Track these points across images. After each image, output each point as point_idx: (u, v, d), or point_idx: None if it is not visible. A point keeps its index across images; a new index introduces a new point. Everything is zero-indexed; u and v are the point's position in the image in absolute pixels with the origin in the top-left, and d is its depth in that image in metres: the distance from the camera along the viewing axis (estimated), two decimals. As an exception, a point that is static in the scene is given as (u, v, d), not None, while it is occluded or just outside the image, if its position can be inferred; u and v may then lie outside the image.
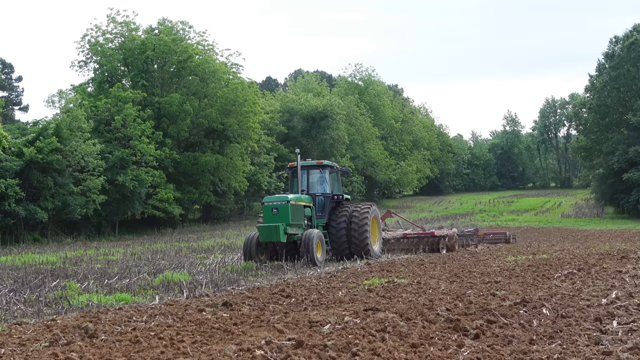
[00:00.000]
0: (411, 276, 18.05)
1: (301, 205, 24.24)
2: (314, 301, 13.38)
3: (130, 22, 59.98)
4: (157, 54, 59.08)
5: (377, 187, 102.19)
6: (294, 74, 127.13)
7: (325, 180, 26.50)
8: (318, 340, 8.87)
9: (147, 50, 58.63)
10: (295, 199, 23.94)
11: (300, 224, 23.93)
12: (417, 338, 8.98)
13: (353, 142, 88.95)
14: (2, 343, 9.66)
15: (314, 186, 26.50)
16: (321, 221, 25.83)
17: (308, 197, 25.40)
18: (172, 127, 57.09)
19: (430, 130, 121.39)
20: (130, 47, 59.09)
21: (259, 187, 66.79)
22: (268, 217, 23.33)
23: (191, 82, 60.74)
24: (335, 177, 27.20)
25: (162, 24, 62.37)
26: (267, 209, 23.51)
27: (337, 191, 26.94)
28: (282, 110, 78.96)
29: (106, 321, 11.40)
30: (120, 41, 59.98)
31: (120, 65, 60.79)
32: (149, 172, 50.27)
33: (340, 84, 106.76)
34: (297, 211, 23.65)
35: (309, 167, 26.68)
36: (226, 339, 9.39)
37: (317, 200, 25.97)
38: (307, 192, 25.93)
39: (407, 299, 13.15)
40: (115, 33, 59.92)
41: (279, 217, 23.11)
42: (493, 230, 43.98)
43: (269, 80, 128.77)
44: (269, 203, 23.70)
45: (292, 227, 23.42)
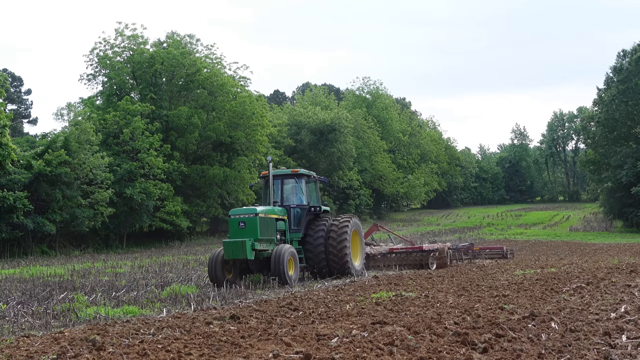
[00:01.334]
0: (419, 289, 18.00)
1: (272, 219, 22.18)
2: (322, 314, 13.34)
3: (139, 36, 60.28)
4: (165, 67, 59.36)
5: (384, 200, 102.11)
6: (301, 87, 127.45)
7: (301, 190, 24.35)
8: (325, 353, 8.84)
9: (155, 63, 58.89)
10: (265, 211, 21.89)
11: (271, 239, 21.85)
12: (425, 352, 8.95)
13: (361, 155, 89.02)
14: (10, 355, 9.66)
15: (289, 197, 24.43)
16: (296, 235, 23.66)
17: (281, 210, 23.26)
18: (180, 140, 57.23)
19: (438, 143, 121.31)
20: (138, 60, 59.36)
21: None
22: (234, 231, 21.17)
23: (199, 95, 60.94)
24: (313, 187, 25.17)
25: (170, 37, 62.70)
26: (233, 222, 21.38)
27: (315, 202, 24.82)
28: (289, 123, 79.12)
29: (114, 334, 11.39)
30: (128, 54, 60.26)
31: (128, 79, 61.05)
32: (157, 185, 50.36)
33: (348, 97, 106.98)
34: (267, 225, 21.60)
35: (282, 176, 24.39)
36: (234, 352, 9.37)
37: (292, 212, 23.77)
38: (280, 204, 23.78)
39: (415, 312, 13.10)
40: (123, 46, 60.23)
41: (246, 231, 20.96)
42: (490, 245, 42.45)
43: (277, 94, 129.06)
44: (235, 216, 21.49)
45: (261, 243, 21.28)
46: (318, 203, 24.92)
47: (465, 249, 34.09)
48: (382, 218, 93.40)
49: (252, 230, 20.96)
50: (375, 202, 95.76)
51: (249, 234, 20.92)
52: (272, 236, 21.88)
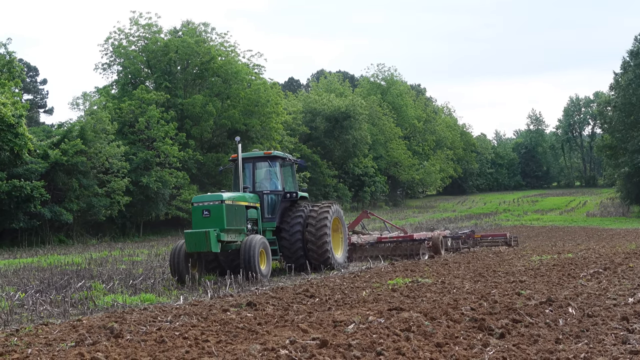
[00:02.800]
0: (435, 276, 17.99)
1: (242, 206, 20.17)
2: (338, 301, 13.37)
3: (153, 25, 60.30)
4: (180, 55, 59.38)
5: (400, 187, 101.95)
6: (316, 74, 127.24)
7: (275, 174, 22.21)
8: (342, 339, 8.86)
9: (170, 52, 58.92)
10: (233, 197, 19.89)
11: (240, 229, 19.92)
12: (442, 337, 8.95)
13: (376, 142, 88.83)
14: (29, 343, 9.75)
15: (262, 182, 22.34)
16: (270, 225, 21.68)
17: (253, 196, 21.32)
18: (195, 129, 57.31)
19: (454, 129, 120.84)
20: (153, 49, 59.41)
21: (281, 187, 66.80)
22: (198, 221, 19.12)
23: (214, 84, 60.93)
24: (289, 172, 23.13)
25: (185, 25, 62.68)
26: (196, 210, 19.32)
27: (291, 188, 22.84)
28: (304, 110, 79.00)
29: (131, 321, 11.46)
30: (143, 43, 60.32)
31: (143, 67, 61.12)
32: (173, 174, 50.48)
33: (363, 84, 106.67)
34: (235, 213, 19.61)
35: (254, 159, 22.28)
36: (250, 338, 9.41)
37: (265, 199, 21.76)
38: (252, 190, 21.73)
39: (432, 298, 13.10)
40: (138, 35, 60.28)
41: (211, 220, 18.96)
42: (492, 232, 39.90)
43: (292, 81, 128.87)
44: (198, 203, 19.44)
45: (228, 233, 19.36)
46: (295, 188, 23.01)
47: (466, 237, 32.35)
48: (397, 205, 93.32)
49: (217, 219, 18.97)
50: (391, 188, 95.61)
51: (215, 223, 18.91)
52: (241, 226, 19.99)
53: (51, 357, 8.74)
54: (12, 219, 38.61)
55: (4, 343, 9.83)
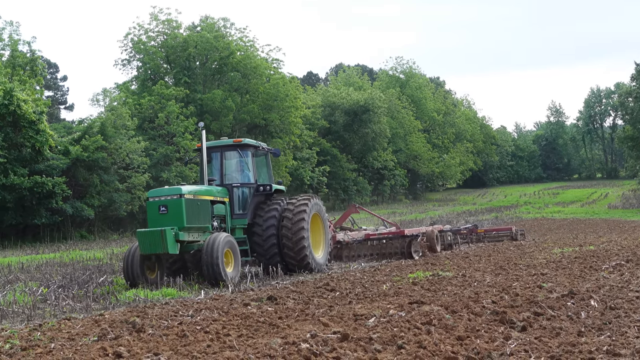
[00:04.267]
0: (456, 269, 17.95)
1: (206, 201, 18.06)
2: (359, 295, 13.37)
3: (173, 20, 60.52)
4: (199, 51, 59.56)
5: (420, 180, 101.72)
6: (335, 68, 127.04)
7: (246, 165, 19.88)
8: (363, 333, 8.86)
9: (189, 47, 59.11)
10: (195, 191, 17.77)
11: (204, 227, 17.85)
12: (463, 331, 8.92)
13: (395, 135, 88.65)
14: (52, 338, 9.83)
15: (232, 174, 20.07)
16: (241, 222, 19.46)
17: (221, 190, 19.17)
18: (214, 124, 57.44)
19: (473, 122, 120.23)
20: (172, 44, 59.62)
21: (301, 181, 66.93)
22: (154, 218, 17.02)
23: (233, 78, 61.05)
24: (263, 162, 20.88)
25: (203, 21, 62.84)
26: (152, 206, 17.16)
27: (265, 180, 20.54)
28: (323, 104, 78.98)
29: (153, 316, 11.53)
30: (162, 39, 60.54)
31: (163, 63, 61.37)
32: (193, 169, 50.64)
33: (382, 77, 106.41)
34: (197, 209, 17.47)
35: (223, 148, 19.94)
36: (272, 332, 9.43)
37: (235, 193, 19.47)
38: (220, 183, 19.59)
39: (452, 291, 13.07)
40: (157, 31, 60.52)
41: (168, 217, 16.85)
42: (496, 226, 37.95)
43: (310, 75, 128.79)
44: (154, 198, 17.26)
45: (189, 232, 17.25)
46: (270, 181, 20.66)
47: (469, 231, 30.89)
48: (417, 198, 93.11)
49: (176, 216, 16.88)
50: (411, 182, 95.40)
51: (172, 221, 16.81)
52: (205, 223, 17.90)
53: (74, 351, 8.80)
54: (34, 215, 38.93)
55: (27, 337, 9.92)
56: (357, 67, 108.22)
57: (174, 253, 16.83)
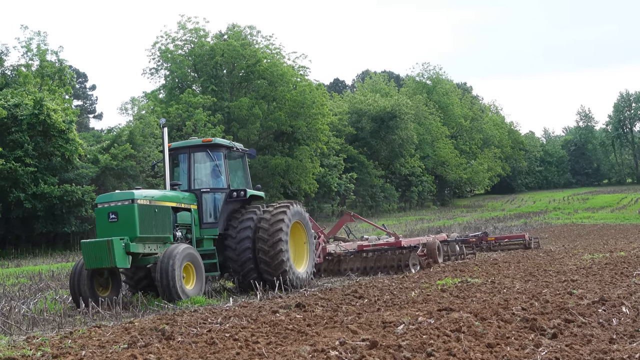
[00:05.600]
0: (485, 276, 17.84)
1: (166, 208, 16.10)
2: (387, 302, 13.33)
3: (200, 29, 60.95)
4: (226, 59, 59.90)
5: (447, 186, 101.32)
6: (361, 75, 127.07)
7: (218, 168, 17.93)
8: (392, 340, 8.82)
9: (216, 55, 59.47)
10: (151, 196, 15.86)
11: (163, 237, 15.88)
12: (493, 338, 8.85)
13: (422, 141, 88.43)
14: (83, 345, 9.90)
15: (201, 178, 18.14)
16: (211, 232, 17.49)
17: (188, 196, 17.29)
18: (242, 131, 57.69)
19: (501, 127, 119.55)
20: (199, 53, 60.04)
21: (329, 188, 66.93)
22: (102, 227, 15.17)
23: (260, 86, 61.30)
24: (239, 165, 18.91)
25: (231, 29, 63.19)
26: (100, 214, 15.29)
27: (242, 185, 18.57)
28: (350, 111, 79.00)
29: (182, 323, 11.57)
30: (190, 47, 61.00)
31: (190, 71, 61.83)
32: (221, 176, 50.87)
33: (408, 83, 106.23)
34: (153, 216, 15.54)
35: (190, 148, 17.95)
36: (300, 339, 9.42)
37: (205, 199, 17.58)
38: (188, 188, 17.67)
39: (482, 298, 12.98)
40: (185, 40, 61.03)
41: (118, 226, 14.95)
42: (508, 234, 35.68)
43: (337, 82, 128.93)
44: (103, 204, 15.38)
45: (144, 243, 15.34)
46: (246, 186, 18.61)
47: (478, 240, 29.15)
48: (445, 205, 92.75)
49: (127, 224, 14.98)
50: (438, 188, 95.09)
51: (123, 230, 14.93)
52: (164, 233, 15.94)
53: (104, 358, 8.86)
54: (64, 223, 39.32)
55: (58, 345, 10.00)
56: (383, 74, 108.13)
57: (123, 267, 14.92)
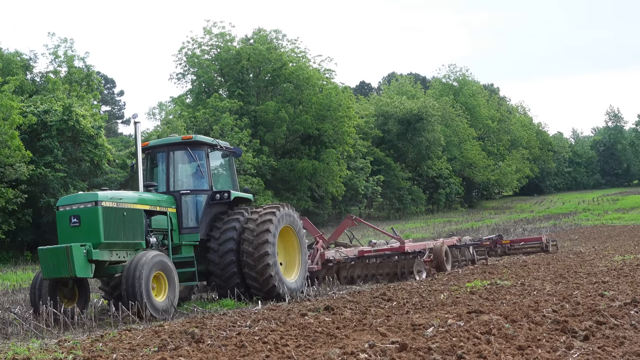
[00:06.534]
0: (514, 278, 17.73)
1: (137, 211, 14.78)
2: (416, 304, 13.29)
3: (226, 34, 61.26)
4: (252, 63, 60.12)
5: (475, 188, 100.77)
6: (387, 77, 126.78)
7: (199, 168, 16.55)
8: (422, 343, 8.78)
9: (242, 60, 59.71)
10: (118, 198, 14.59)
11: (134, 244, 14.62)
12: (524, 340, 8.79)
13: (449, 143, 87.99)
14: (114, 348, 9.98)
15: (181, 179, 16.77)
16: (192, 237, 16.11)
17: (166, 198, 15.97)
18: (268, 135, 57.83)
19: (529, 128, 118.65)
20: (226, 57, 60.34)
21: (355, 191, 66.85)
22: (65, 233, 13.88)
23: (286, 90, 61.41)
24: (225, 165, 17.71)
25: (256, 33, 63.41)
26: (61, 218, 14.04)
27: (229, 186, 17.31)
28: (376, 114, 78.86)
29: (211, 326, 11.63)
30: (216, 52, 61.35)
31: (216, 76, 62.18)
32: (248, 180, 51.02)
33: (435, 85, 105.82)
34: (121, 220, 14.28)
35: (169, 147, 16.63)
36: (329, 342, 9.41)
37: (184, 201, 16.21)
38: (167, 189, 16.33)
39: (511, 300, 12.90)
40: (211, 45, 61.37)
41: (80, 231, 13.71)
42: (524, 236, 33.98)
43: (363, 85, 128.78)
44: (64, 207, 14.09)
45: (110, 250, 14.12)
46: (233, 187, 17.37)
47: (492, 243, 27.87)
48: (473, 206, 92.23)
49: (90, 229, 13.72)
50: (466, 190, 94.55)
51: (86, 235, 13.68)
52: (135, 238, 14.64)
53: (135, 362, 8.92)
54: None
55: (89, 348, 10.08)
56: (409, 76, 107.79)
57: (84, 277, 13.78)
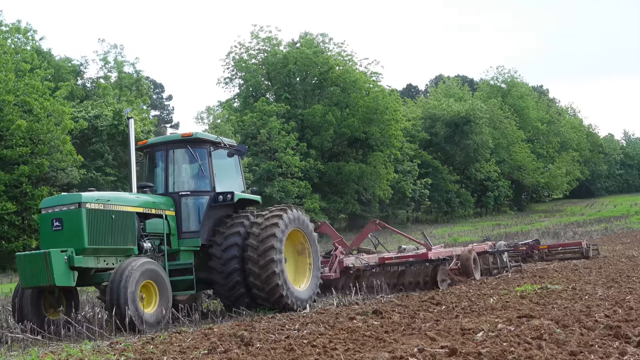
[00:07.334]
0: (565, 282, 17.48)
1: (127, 214, 13.72)
2: (465, 308, 13.19)
3: (273, 38, 61.65)
4: (299, 67, 60.36)
5: (524, 191, 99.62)
6: (434, 79, 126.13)
7: (201, 167, 15.38)
8: (471, 348, 8.71)
9: (289, 63, 59.99)
10: (106, 199, 13.48)
11: (124, 249, 13.54)
12: (576, 346, 8.66)
13: (498, 146, 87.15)
14: (165, 351, 10.09)
15: (180, 179, 15.69)
16: (192, 242, 14.99)
17: (163, 200, 14.95)
18: (315, 138, 57.97)
19: (579, 130, 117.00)
20: (273, 61, 60.69)
21: (403, 194, 66.63)
22: (47, 237, 12.92)
23: (333, 93, 61.49)
24: (230, 164, 16.27)
25: (303, 37, 63.67)
26: (44, 221, 13.09)
27: (235, 187, 15.89)
28: (423, 116, 78.50)
29: (260, 329, 11.69)
30: (263, 56, 61.74)
31: (264, 80, 62.55)
32: (295, 183, 51.25)
33: (482, 87, 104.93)
34: (109, 224, 13.21)
35: (168, 144, 15.60)
36: (378, 346, 9.39)
37: (184, 204, 15.12)
38: (165, 191, 15.32)
39: (563, 305, 12.73)
40: (258, 49, 61.83)
41: (63, 236, 12.71)
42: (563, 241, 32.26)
43: (410, 87, 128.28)
44: (47, 209, 13.12)
45: (96, 256, 13.05)
46: (239, 188, 16.12)
47: (528, 248, 26.69)
48: (522, 210, 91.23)
49: (73, 233, 12.73)
50: (515, 193, 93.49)
51: (69, 240, 12.68)
52: (125, 244, 13.54)
53: (186, 364, 9.01)
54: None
55: (141, 350, 10.21)
56: (457, 78, 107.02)
57: (65, 285, 12.64)
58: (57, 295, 13.42)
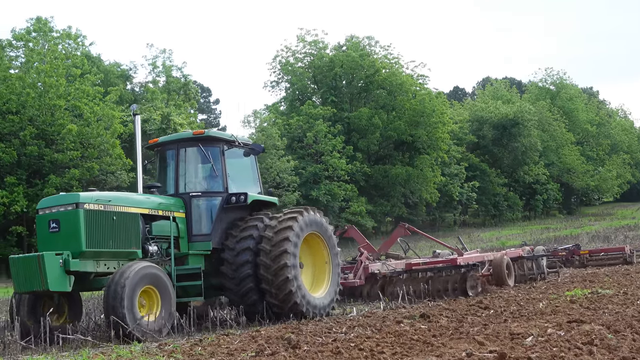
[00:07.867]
0: (616, 286, 17.19)
1: (131, 215, 13.11)
2: (514, 313, 13.06)
3: (319, 41, 61.80)
4: (345, 70, 60.42)
5: (574, 194, 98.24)
6: (481, 82, 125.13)
7: (212, 167, 14.66)
8: (521, 352, 8.61)
9: (335, 67, 60.09)
10: (106, 199, 12.89)
11: (126, 252, 12.92)
12: (628, 351, 8.51)
13: (547, 148, 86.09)
14: (213, 352, 10.17)
15: (191, 179, 14.91)
16: (202, 246, 14.27)
17: (173, 201, 14.30)
18: (362, 141, 57.94)
19: (630, 132, 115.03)
20: (319, 65, 60.85)
21: (450, 197, 66.22)
22: (43, 239, 12.36)
23: (379, 96, 61.41)
24: (246, 164, 15.48)
25: (349, 40, 63.70)
26: (40, 222, 12.49)
27: (251, 188, 15.15)
28: (471, 119, 77.89)
29: (307, 332, 11.71)
30: (309, 60, 61.91)
31: (310, 83, 62.74)
32: (341, 186, 51.28)
33: (531, 89, 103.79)
34: (110, 226, 12.61)
35: (179, 143, 14.91)
36: (426, 350, 9.34)
37: (195, 205, 14.39)
38: (175, 191, 14.63)
39: (614, 310, 12.51)
40: (304, 52, 62.04)
41: (60, 238, 12.14)
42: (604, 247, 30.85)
43: (457, 90, 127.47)
44: (44, 210, 12.54)
45: (95, 260, 12.46)
46: (254, 189, 15.30)
47: (568, 253, 25.63)
48: (572, 213, 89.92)
49: (70, 235, 12.15)
50: (564, 196, 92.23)
51: (66, 242, 12.10)
52: (128, 247, 12.94)
53: (233, 366, 9.06)
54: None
55: (189, 352, 10.30)
56: (504, 80, 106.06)
57: (61, 290, 12.03)
58: (57, 302, 12.91)
